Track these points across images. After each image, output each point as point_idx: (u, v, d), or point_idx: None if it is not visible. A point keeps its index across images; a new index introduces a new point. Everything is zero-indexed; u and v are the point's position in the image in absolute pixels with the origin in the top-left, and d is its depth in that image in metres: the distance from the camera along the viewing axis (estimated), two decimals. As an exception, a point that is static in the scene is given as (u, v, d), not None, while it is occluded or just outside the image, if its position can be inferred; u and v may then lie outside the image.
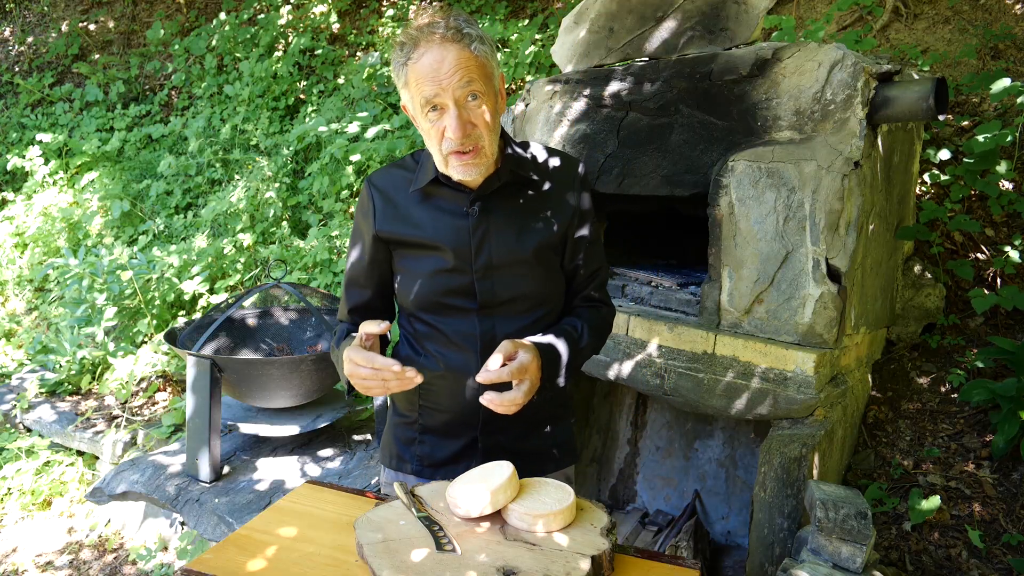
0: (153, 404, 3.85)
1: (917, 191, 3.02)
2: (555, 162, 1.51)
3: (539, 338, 1.41)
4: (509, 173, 1.44)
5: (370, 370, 1.27)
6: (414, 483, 1.53)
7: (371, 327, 1.33)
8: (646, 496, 2.93)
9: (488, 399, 1.28)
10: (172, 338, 3.00)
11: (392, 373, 1.25)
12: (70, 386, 4.04)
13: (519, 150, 1.49)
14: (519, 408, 1.30)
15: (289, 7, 6.30)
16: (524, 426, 1.52)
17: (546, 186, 1.48)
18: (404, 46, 1.32)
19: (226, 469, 2.93)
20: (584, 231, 1.53)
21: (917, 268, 2.92)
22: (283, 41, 6.13)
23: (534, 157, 1.50)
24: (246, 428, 2.95)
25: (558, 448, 1.59)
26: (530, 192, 1.47)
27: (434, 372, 1.47)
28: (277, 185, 4.86)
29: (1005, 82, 2.74)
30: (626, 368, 2.51)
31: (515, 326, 1.45)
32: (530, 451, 1.54)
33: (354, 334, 1.46)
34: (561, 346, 1.42)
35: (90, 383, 4.04)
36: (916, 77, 2.34)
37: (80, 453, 3.64)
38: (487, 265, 1.43)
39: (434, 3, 5.70)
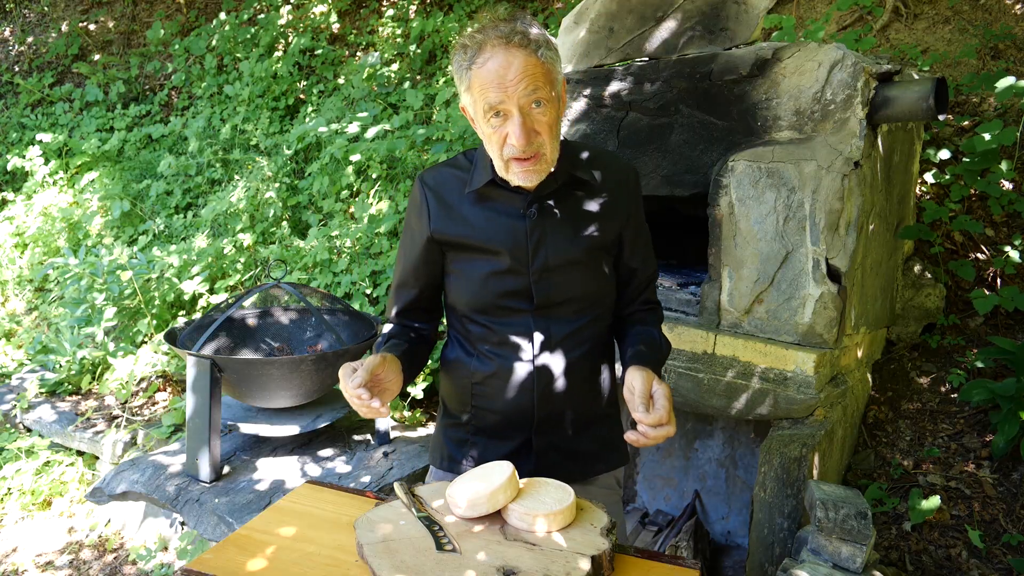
0: (153, 404, 3.85)
1: (917, 191, 3.02)
2: (609, 163, 1.50)
3: (644, 357, 1.42)
4: (566, 175, 1.43)
5: (347, 392, 1.29)
6: None
7: (372, 361, 1.32)
8: (646, 496, 2.93)
9: (641, 433, 1.26)
10: (172, 338, 3.00)
11: (359, 401, 1.26)
12: (70, 386, 4.04)
13: (575, 150, 1.48)
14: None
15: (289, 7, 6.30)
16: (577, 426, 1.51)
17: (601, 187, 1.47)
18: (468, 48, 1.29)
19: (226, 469, 2.93)
20: (640, 233, 1.53)
21: (917, 268, 2.92)
22: (283, 41, 6.13)
23: (589, 158, 1.49)
24: (246, 428, 2.95)
25: (608, 449, 1.57)
26: (585, 193, 1.46)
27: (486, 373, 1.47)
28: (277, 185, 4.86)
29: (1009, 80, 2.73)
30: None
31: (570, 327, 1.46)
32: (582, 452, 1.53)
33: (392, 342, 1.47)
34: (659, 363, 1.46)
35: (90, 383, 4.04)
36: (916, 77, 2.34)
37: (80, 453, 3.64)
38: (544, 267, 1.42)
39: (441, 8, 5.70)
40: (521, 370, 1.44)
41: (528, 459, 1.48)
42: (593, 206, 1.46)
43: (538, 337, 1.44)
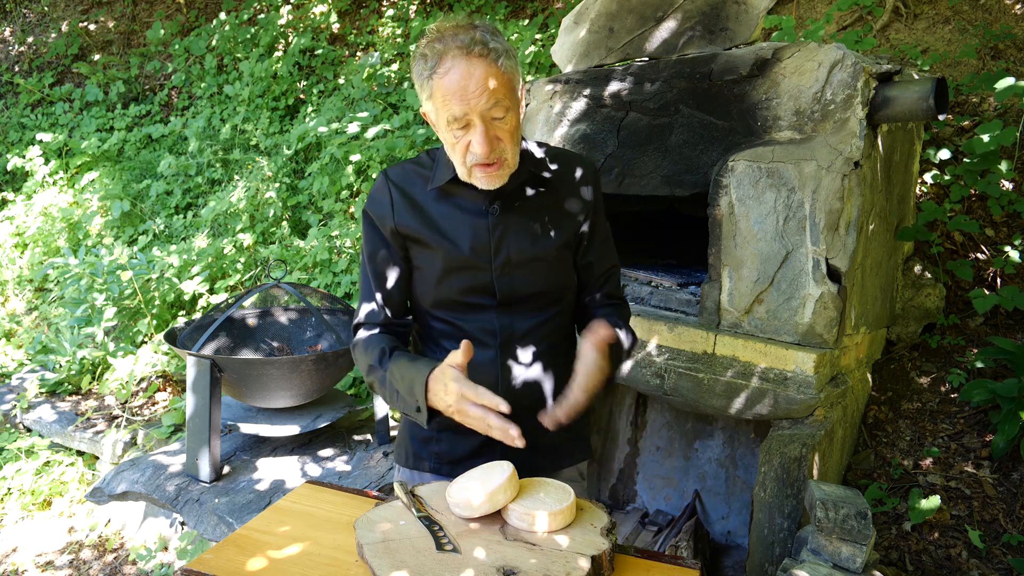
0: (153, 404, 3.85)
1: (917, 191, 3.02)
2: (570, 161, 1.53)
3: (611, 318, 1.48)
4: (527, 172, 1.45)
5: (479, 408, 1.25)
6: (431, 482, 1.54)
7: (459, 356, 1.29)
8: (646, 496, 2.93)
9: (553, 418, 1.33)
10: (172, 338, 3.00)
11: (496, 418, 1.24)
12: (70, 386, 4.04)
13: (536, 149, 1.50)
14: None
15: (289, 7, 6.30)
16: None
17: (562, 184, 1.50)
18: (428, 58, 1.30)
19: (226, 469, 2.93)
20: (598, 228, 1.55)
21: (917, 268, 2.92)
22: (283, 41, 6.13)
23: (550, 156, 1.52)
24: (246, 428, 2.95)
25: (573, 443, 1.60)
26: (546, 190, 1.49)
27: None
28: (277, 185, 4.86)
29: (1008, 81, 2.73)
30: (626, 368, 2.51)
31: (532, 321, 1.48)
32: (546, 446, 1.54)
33: (400, 351, 1.44)
34: (626, 343, 1.50)
35: (90, 383, 4.04)
36: (916, 77, 2.34)
37: (80, 453, 3.64)
38: (506, 263, 1.44)
39: (441, 8, 5.69)
40: (485, 365, 1.46)
41: (493, 454, 1.49)
42: (554, 202, 1.49)
43: (501, 332, 1.46)
